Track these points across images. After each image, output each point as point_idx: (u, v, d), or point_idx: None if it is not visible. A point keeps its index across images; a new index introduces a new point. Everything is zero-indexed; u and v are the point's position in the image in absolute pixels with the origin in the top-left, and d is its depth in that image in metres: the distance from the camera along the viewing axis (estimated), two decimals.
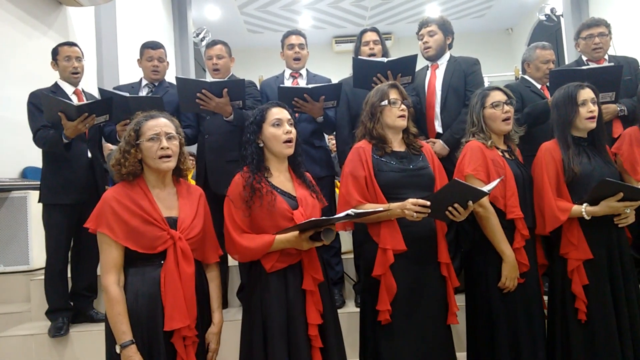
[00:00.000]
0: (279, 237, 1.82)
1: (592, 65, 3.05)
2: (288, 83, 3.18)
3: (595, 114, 2.15)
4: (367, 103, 2.15)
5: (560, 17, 6.92)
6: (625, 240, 2.17)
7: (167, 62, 3.27)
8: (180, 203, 1.82)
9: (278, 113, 1.95)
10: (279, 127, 1.92)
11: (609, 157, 2.24)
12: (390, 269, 1.94)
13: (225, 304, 3.09)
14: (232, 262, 3.17)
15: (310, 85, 2.79)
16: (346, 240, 3.40)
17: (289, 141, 1.93)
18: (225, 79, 3.07)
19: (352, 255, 3.15)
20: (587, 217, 2.06)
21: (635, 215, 2.10)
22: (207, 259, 1.91)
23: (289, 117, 1.97)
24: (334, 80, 3.03)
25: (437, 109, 3.02)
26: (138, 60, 3.24)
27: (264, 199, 1.84)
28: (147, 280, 1.70)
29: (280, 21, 8.45)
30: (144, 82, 3.23)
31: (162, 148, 1.75)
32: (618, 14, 5.43)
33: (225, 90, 2.67)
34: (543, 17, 7.16)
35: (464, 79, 2.99)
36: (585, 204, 2.07)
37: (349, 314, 2.03)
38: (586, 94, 2.16)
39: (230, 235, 1.85)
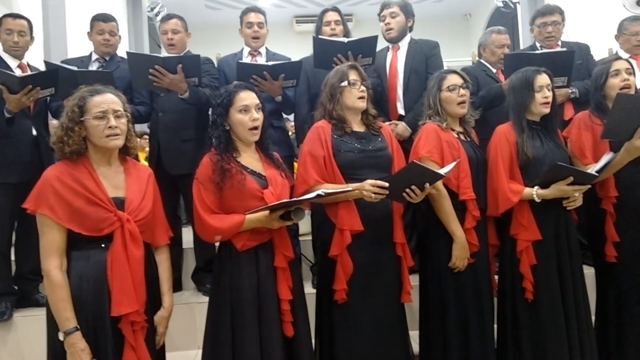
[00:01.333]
0: (249, 216, 1.82)
1: (546, 49, 3.12)
2: (247, 61, 3.10)
3: (550, 100, 2.20)
4: (327, 84, 2.14)
5: (517, 4, 7.06)
6: (572, 222, 2.24)
7: (120, 36, 3.13)
8: (128, 182, 1.73)
9: (246, 99, 1.91)
10: (246, 113, 1.90)
11: (561, 141, 2.30)
12: (347, 249, 1.96)
13: (179, 287, 3.04)
14: (186, 244, 3.11)
15: (270, 63, 2.73)
16: (304, 222, 3.38)
17: (255, 128, 1.91)
18: (181, 55, 2.96)
19: (309, 237, 3.15)
20: (537, 200, 2.11)
21: (582, 199, 2.17)
22: (157, 241, 1.84)
23: (257, 101, 1.94)
24: None
25: (400, 91, 3.01)
26: (88, 33, 3.08)
27: (234, 178, 1.83)
28: (93, 264, 1.61)
29: None
30: (94, 56, 3.08)
31: (110, 127, 1.65)
32: (571, 1, 5.59)
33: (180, 66, 2.57)
34: (500, 4, 7.30)
35: (426, 62, 3.00)
36: (536, 187, 2.12)
37: (306, 294, 2.08)
38: (543, 79, 2.20)
39: (200, 216, 1.84)
